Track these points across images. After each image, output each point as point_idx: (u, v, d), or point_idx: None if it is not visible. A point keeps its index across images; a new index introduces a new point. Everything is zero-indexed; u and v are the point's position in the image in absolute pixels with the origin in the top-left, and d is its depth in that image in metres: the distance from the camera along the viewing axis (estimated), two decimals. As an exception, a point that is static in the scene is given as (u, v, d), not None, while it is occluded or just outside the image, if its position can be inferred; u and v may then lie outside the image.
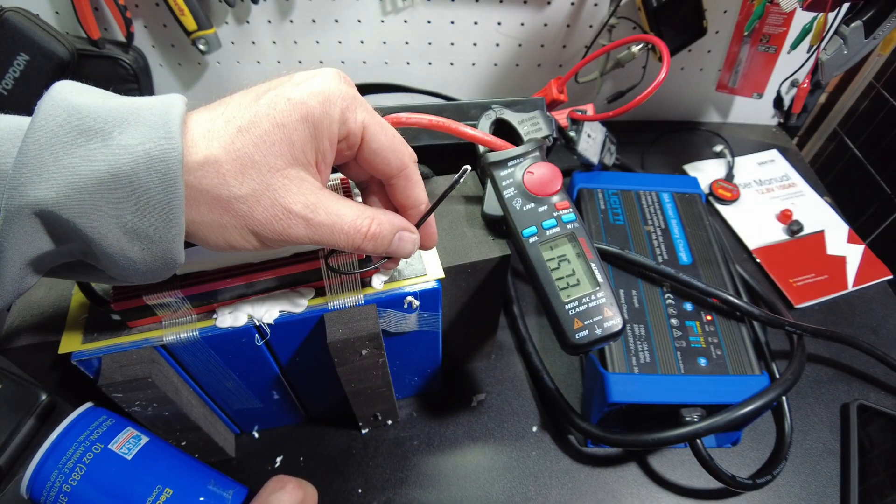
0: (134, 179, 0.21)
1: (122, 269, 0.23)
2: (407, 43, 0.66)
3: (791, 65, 0.62)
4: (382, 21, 0.64)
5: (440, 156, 0.42)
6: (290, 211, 0.24)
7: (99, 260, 0.23)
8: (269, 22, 0.64)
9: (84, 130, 0.21)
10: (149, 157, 0.21)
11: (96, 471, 0.31)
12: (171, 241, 0.23)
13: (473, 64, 0.68)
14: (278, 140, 0.23)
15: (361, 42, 0.66)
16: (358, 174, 0.30)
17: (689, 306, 0.44)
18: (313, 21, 0.64)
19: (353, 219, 0.26)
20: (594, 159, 0.54)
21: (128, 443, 0.33)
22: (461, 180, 0.29)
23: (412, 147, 0.29)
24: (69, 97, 0.22)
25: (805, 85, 0.58)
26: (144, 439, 0.34)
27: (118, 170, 0.21)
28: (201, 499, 0.33)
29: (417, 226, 0.30)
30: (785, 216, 0.60)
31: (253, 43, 0.66)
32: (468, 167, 0.29)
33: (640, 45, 0.59)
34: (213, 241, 0.24)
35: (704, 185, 0.64)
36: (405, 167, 0.28)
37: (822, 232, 0.59)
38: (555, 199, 0.36)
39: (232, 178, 0.23)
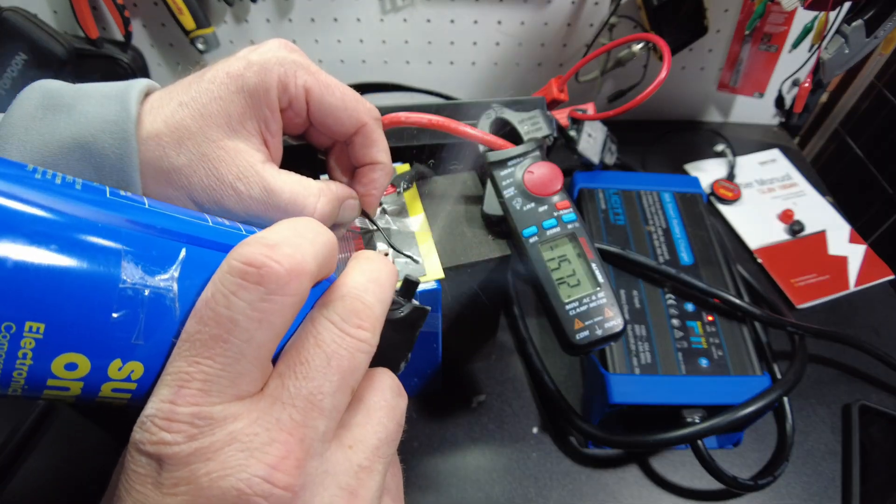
0: (91, 142, 0.23)
1: None
2: (406, 42, 0.66)
3: (792, 64, 0.62)
4: (382, 20, 0.64)
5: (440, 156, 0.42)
6: (222, 180, 0.24)
7: None
8: (268, 21, 0.64)
9: (54, 106, 0.23)
10: (104, 122, 0.23)
11: None
12: None
13: (473, 63, 0.68)
14: (215, 112, 0.24)
15: (361, 41, 0.66)
16: (320, 140, 0.30)
17: (690, 307, 0.43)
18: (312, 20, 0.64)
19: (292, 196, 0.25)
20: (595, 159, 0.54)
21: None
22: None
23: (411, 147, 0.29)
24: (45, 84, 0.24)
25: (806, 84, 0.58)
26: None
27: (77, 134, 0.23)
28: None
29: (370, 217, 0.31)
30: (786, 216, 0.60)
31: (252, 42, 0.66)
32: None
33: (641, 44, 0.59)
34: None
35: (705, 185, 0.64)
36: (362, 124, 0.28)
37: (823, 232, 0.59)
38: (555, 198, 0.36)
39: (171, 150, 0.24)
